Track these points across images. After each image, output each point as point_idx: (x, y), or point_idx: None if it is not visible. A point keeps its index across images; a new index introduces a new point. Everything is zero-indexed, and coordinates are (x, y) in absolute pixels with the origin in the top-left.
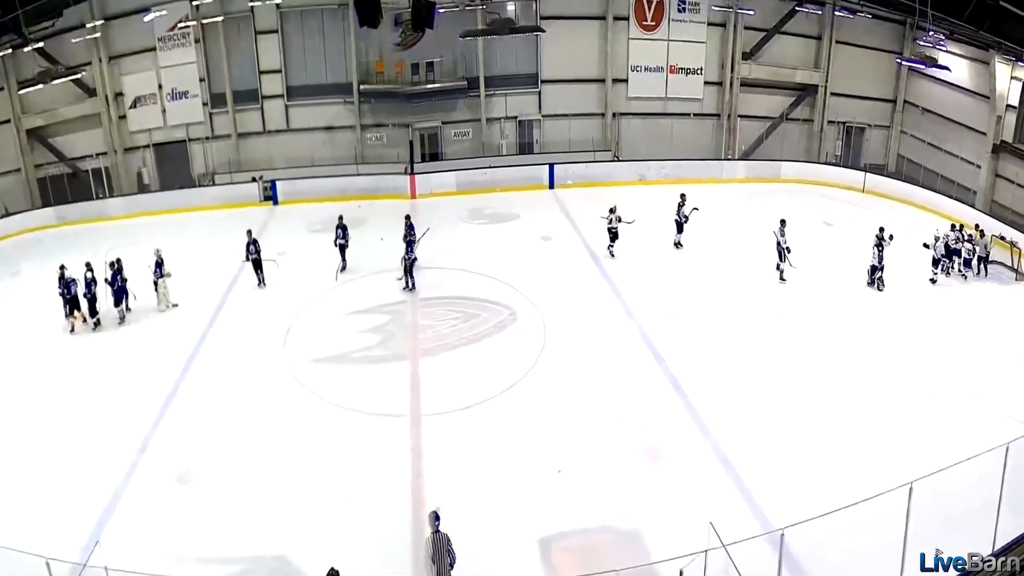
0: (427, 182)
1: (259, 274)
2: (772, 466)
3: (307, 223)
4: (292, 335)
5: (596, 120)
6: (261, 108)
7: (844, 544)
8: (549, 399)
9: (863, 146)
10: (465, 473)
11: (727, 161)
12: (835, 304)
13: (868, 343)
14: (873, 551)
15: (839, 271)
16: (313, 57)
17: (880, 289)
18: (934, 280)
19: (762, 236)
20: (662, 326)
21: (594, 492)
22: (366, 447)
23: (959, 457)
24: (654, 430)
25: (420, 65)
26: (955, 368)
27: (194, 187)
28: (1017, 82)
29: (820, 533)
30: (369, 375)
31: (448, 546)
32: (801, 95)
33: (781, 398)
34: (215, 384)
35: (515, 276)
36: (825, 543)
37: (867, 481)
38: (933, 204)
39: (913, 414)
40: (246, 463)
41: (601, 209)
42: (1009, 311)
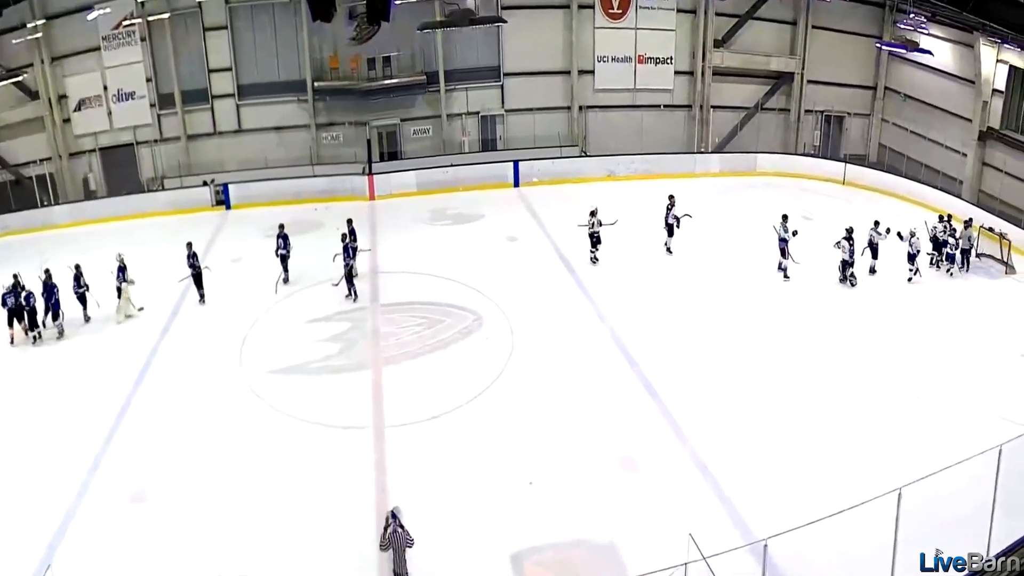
0: (386, 182)
1: (200, 290)
2: (753, 473)
3: (262, 228)
4: (248, 345)
5: (562, 114)
6: (211, 108)
7: (831, 554)
8: (519, 407)
9: (843, 136)
10: (432, 487)
11: (700, 154)
12: (816, 302)
13: (851, 342)
14: (862, 560)
15: (819, 267)
16: (264, 54)
17: (852, 285)
18: (910, 279)
19: (737, 232)
20: (635, 328)
21: (567, 504)
22: (328, 462)
23: (949, 460)
24: (629, 438)
25: (376, 60)
26: (943, 367)
27: (143, 192)
28: (1003, 65)
29: (805, 543)
30: (329, 386)
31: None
32: (776, 83)
33: (761, 401)
34: (169, 398)
35: (480, 279)
36: (811, 553)
37: (854, 487)
38: (917, 195)
39: (900, 416)
40: (203, 480)
41: (573, 211)
42: (998, 306)
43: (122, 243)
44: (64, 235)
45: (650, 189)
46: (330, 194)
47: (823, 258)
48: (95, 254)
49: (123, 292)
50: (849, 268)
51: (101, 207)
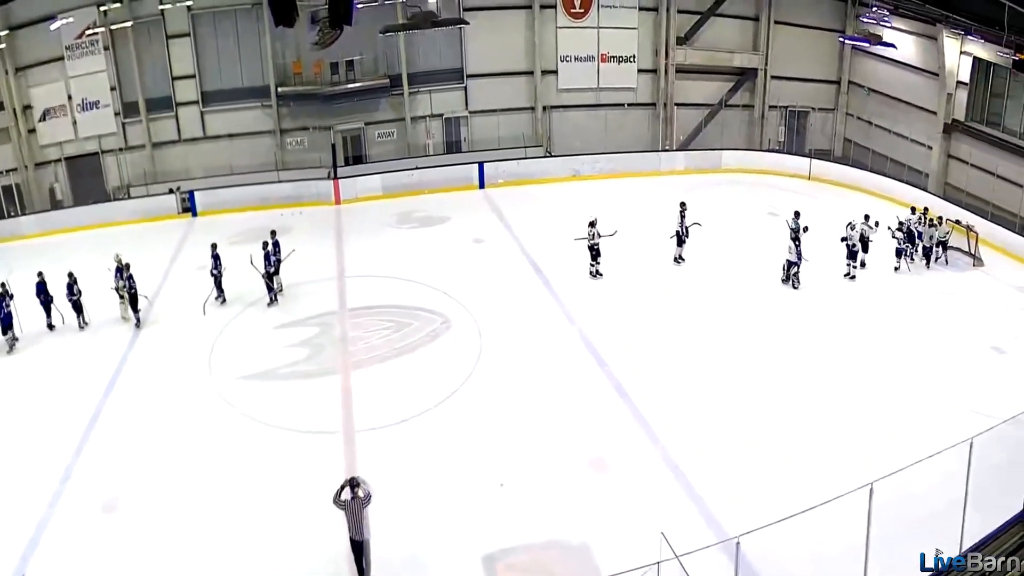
0: (352, 186)
1: (136, 313)
2: (724, 471)
3: (228, 235)
4: (217, 352)
5: (526, 115)
6: (176, 116)
7: (804, 550)
8: (488, 410)
9: (807, 131)
10: (403, 490)
11: (665, 152)
12: (785, 298)
13: (821, 337)
14: (835, 557)
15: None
16: (228, 60)
17: (796, 287)
18: (850, 276)
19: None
20: (603, 329)
21: (539, 505)
22: (299, 467)
23: (921, 454)
24: (599, 438)
25: (339, 64)
26: (913, 361)
27: (109, 201)
28: (967, 57)
29: (778, 540)
30: (299, 391)
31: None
32: (740, 80)
33: (732, 399)
34: (139, 406)
35: (447, 282)
36: (783, 550)
37: (826, 483)
38: (883, 189)
39: (871, 411)
40: (175, 488)
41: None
42: (967, 299)
43: (90, 252)
44: (32, 245)
45: (616, 188)
46: (296, 199)
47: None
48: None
49: (124, 294)
50: (795, 268)
51: (68, 216)
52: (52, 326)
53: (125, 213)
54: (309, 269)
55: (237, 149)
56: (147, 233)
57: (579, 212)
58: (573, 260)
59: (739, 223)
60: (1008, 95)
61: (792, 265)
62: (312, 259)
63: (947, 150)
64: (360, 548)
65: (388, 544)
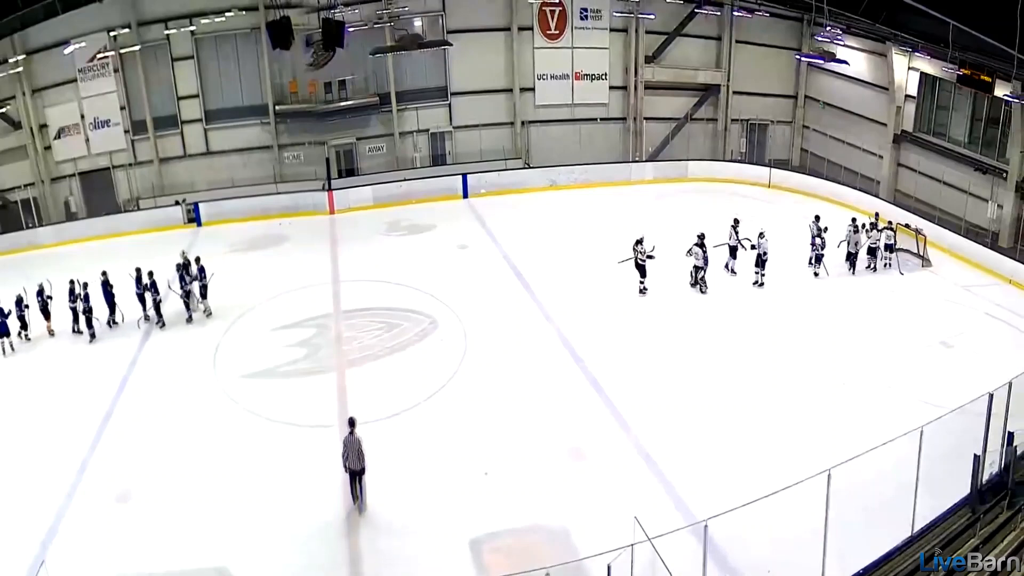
0: (345, 197)
1: (91, 330)
2: (693, 459)
3: (230, 243)
4: (221, 352)
5: (506, 129)
6: (181, 133)
7: (767, 533)
8: (473, 404)
9: (767, 142)
10: (394, 479)
11: (635, 163)
12: (745, 298)
13: (779, 334)
14: (796, 539)
15: (747, 266)
16: (229, 81)
17: (703, 292)
18: (817, 273)
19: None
20: (579, 328)
21: (522, 492)
22: (298, 458)
23: (875, 442)
24: (577, 429)
25: (333, 84)
26: (867, 355)
27: (120, 213)
28: (915, 72)
29: (743, 523)
30: (298, 388)
31: (359, 448)
32: (704, 95)
33: (699, 392)
34: (150, 404)
35: (434, 285)
36: (749, 533)
37: (787, 470)
38: (838, 195)
39: (828, 403)
40: (184, 480)
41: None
42: (916, 297)
43: (102, 261)
44: (49, 254)
45: (590, 197)
46: (293, 209)
47: (751, 256)
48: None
49: (192, 293)
50: (702, 272)
51: (82, 227)
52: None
53: (135, 224)
54: (306, 274)
55: (238, 163)
56: (155, 242)
57: (557, 219)
58: (550, 265)
59: (704, 228)
60: (953, 107)
61: (699, 270)
62: (309, 265)
63: (897, 159)
64: (356, 476)
65: (380, 529)
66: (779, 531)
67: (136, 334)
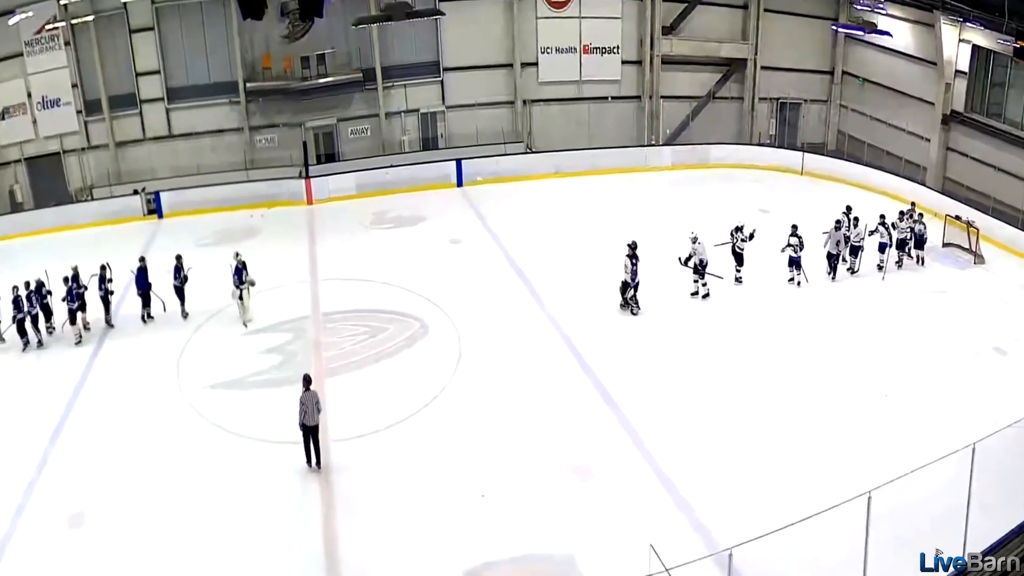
0: (324, 186)
1: (38, 336)
2: (714, 479)
3: (195, 237)
4: (186, 359)
5: (505, 109)
6: (140, 113)
7: (799, 562)
8: (468, 417)
9: (799, 124)
10: (380, 503)
11: (651, 147)
12: (775, 300)
13: (815, 340)
14: (832, 568)
15: (778, 264)
16: (194, 55)
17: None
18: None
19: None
20: (587, 332)
21: (522, 517)
22: (272, 479)
23: (921, 461)
24: (584, 446)
25: (310, 58)
26: (913, 363)
27: (72, 203)
28: (966, 45)
29: (772, 551)
30: (271, 400)
31: (317, 401)
32: (729, 71)
33: (722, 404)
34: (105, 417)
35: (425, 284)
36: (778, 562)
37: (822, 492)
38: (880, 184)
39: (869, 416)
40: (142, 502)
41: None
42: (968, 298)
43: (52, 257)
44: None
45: (599, 185)
46: (266, 199)
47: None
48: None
49: (244, 295)
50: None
51: (28, 219)
52: (151, 316)
53: (88, 215)
54: (280, 272)
55: (204, 148)
56: (111, 236)
57: (562, 210)
58: (555, 261)
59: (729, 221)
60: (1009, 84)
61: (627, 287)
62: (283, 262)
63: (946, 142)
64: (310, 432)
65: (365, 560)
66: (813, 561)
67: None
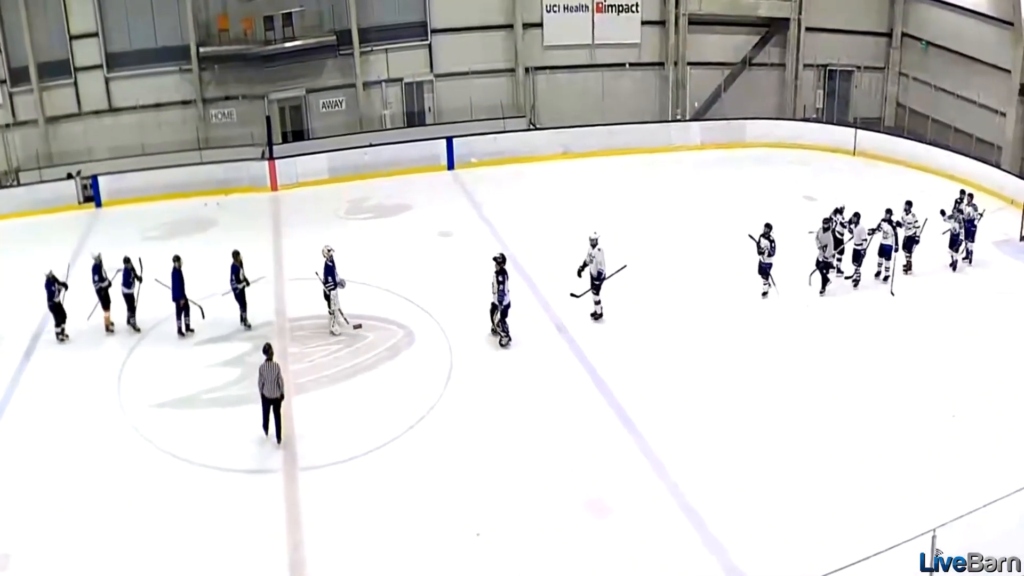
0: (291, 168)
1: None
2: (750, 515)
3: (140, 228)
4: (128, 373)
5: (504, 78)
6: (75, 83)
7: None
8: (460, 442)
9: (851, 95)
10: (357, 542)
11: (676, 123)
12: (821, 305)
13: (864, 352)
14: None
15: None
16: (138, 15)
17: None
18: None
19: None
20: (601, 341)
21: (525, 560)
22: (231, 514)
23: (994, 493)
24: (597, 476)
25: (275, 18)
26: (981, 380)
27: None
28: None
29: None
30: (228, 421)
31: (278, 374)
32: (768, 33)
33: (758, 427)
34: (34, 442)
35: (410, 285)
36: None
37: (875, 529)
38: (945, 166)
39: (930, 441)
40: (79, 542)
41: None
42: None
43: None
44: None
45: (615, 167)
46: (223, 184)
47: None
48: None
49: (332, 298)
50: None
51: None
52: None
53: (13, 203)
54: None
55: (151, 123)
56: (41, 227)
57: (571, 198)
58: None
59: (769, 211)
60: None
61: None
62: (243, 258)
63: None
64: (271, 404)
65: None
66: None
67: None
